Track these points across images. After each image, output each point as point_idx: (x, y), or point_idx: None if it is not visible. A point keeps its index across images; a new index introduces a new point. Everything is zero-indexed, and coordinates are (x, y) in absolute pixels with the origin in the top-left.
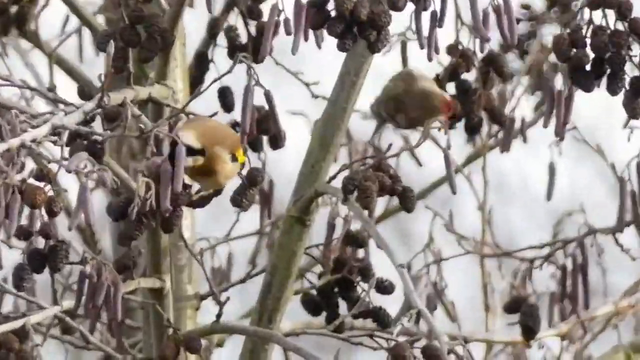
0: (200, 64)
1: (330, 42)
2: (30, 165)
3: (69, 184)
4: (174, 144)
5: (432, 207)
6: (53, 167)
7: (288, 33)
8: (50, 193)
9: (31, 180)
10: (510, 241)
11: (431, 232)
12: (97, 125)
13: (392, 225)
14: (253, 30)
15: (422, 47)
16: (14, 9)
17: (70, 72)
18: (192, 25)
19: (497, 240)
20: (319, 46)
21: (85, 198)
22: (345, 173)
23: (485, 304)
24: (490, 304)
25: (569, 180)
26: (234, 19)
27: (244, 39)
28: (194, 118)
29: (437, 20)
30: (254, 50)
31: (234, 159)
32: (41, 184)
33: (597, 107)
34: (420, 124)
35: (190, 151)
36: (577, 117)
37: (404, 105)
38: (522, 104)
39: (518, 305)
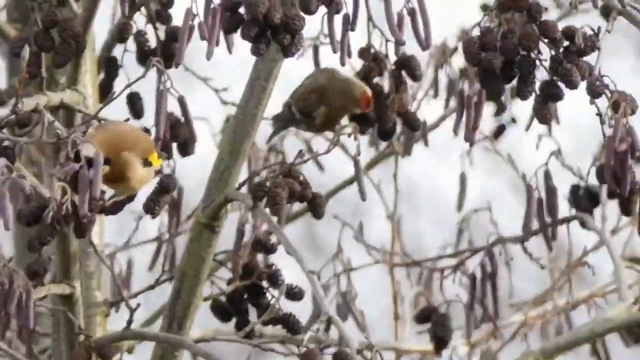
0: (110, 69)
1: (238, 47)
2: None
3: None
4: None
5: (342, 215)
6: None
7: (202, 38)
8: None
9: None
10: (421, 250)
11: (340, 242)
12: None
13: (302, 232)
14: (162, 34)
15: (334, 51)
16: None
17: None
18: (99, 29)
19: (407, 249)
20: (230, 51)
21: (4, 205)
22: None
23: (395, 313)
24: (400, 313)
25: (481, 189)
26: (143, 23)
27: (153, 43)
28: (105, 123)
29: (349, 24)
30: (163, 55)
31: (147, 164)
32: None
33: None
34: (337, 119)
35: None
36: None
37: (326, 96)
38: (423, 107)
39: (428, 315)
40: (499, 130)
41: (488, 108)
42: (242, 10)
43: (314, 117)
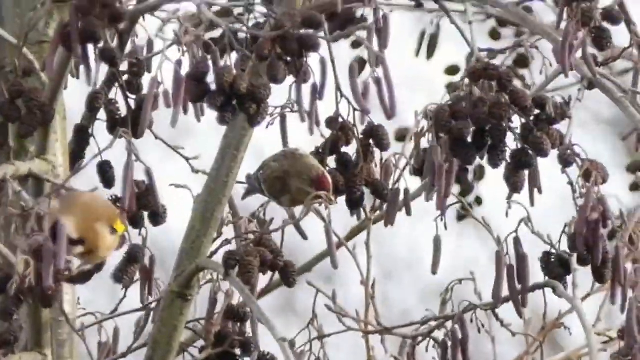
0: (80, 138)
1: (210, 115)
2: None
3: None
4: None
5: (316, 280)
6: None
7: (168, 105)
8: None
9: None
10: (398, 314)
11: (314, 309)
12: None
13: (277, 297)
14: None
15: (303, 120)
16: None
17: None
18: (72, 98)
19: (382, 314)
20: (199, 119)
21: None
22: (227, 248)
23: None
24: None
25: (454, 253)
26: (114, 92)
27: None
28: (68, 194)
29: (317, 93)
30: (133, 124)
31: (113, 230)
32: None
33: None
34: (302, 202)
35: (70, 241)
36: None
37: (288, 184)
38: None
39: None
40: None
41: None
42: (209, 79)
43: (280, 201)
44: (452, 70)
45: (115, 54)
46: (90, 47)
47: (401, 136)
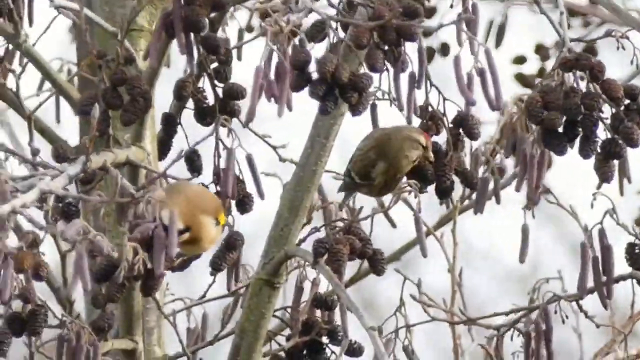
0: (168, 126)
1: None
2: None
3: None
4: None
5: (401, 270)
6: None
7: (271, 96)
8: (37, 258)
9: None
10: (477, 303)
11: (402, 296)
12: None
13: (355, 289)
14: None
15: (401, 109)
16: None
17: (44, 132)
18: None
19: (466, 302)
20: (290, 108)
21: (83, 265)
22: (316, 236)
23: None
24: None
25: (532, 243)
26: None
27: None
28: (175, 184)
29: (415, 82)
30: (221, 112)
31: (217, 223)
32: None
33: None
34: (396, 176)
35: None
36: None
37: (382, 150)
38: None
39: None
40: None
41: None
42: (309, 69)
43: (372, 178)
44: (519, 60)
45: (219, 42)
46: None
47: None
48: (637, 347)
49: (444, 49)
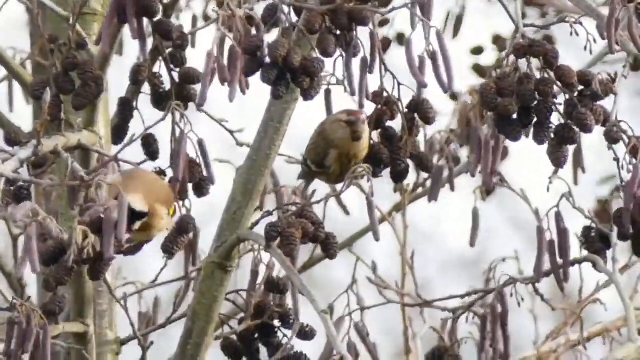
0: (124, 110)
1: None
2: None
3: None
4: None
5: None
6: None
7: (223, 80)
8: None
9: None
10: (427, 288)
11: (354, 274)
12: None
13: (307, 273)
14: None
15: (353, 94)
16: None
17: None
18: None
19: (417, 283)
20: (244, 92)
21: (32, 247)
22: (269, 219)
23: (406, 347)
24: (412, 349)
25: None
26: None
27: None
28: (130, 171)
29: (367, 67)
30: (177, 97)
31: (168, 212)
32: None
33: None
34: (349, 163)
35: (136, 215)
36: None
37: (329, 136)
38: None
39: (440, 355)
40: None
41: None
42: (261, 53)
43: (327, 166)
44: (477, 50)
45: (171, 28)
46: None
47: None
48: (589, 330)
49: (400, 39)
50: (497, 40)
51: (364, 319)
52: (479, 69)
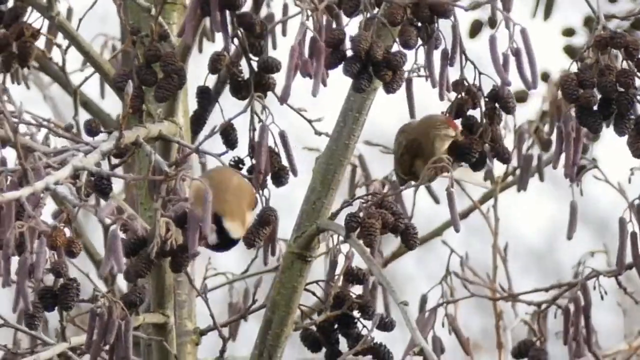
0: (204, 100)
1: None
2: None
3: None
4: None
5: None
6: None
7: (306, 74)
8: (69, 234)
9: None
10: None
11: (447, 267)
12: None
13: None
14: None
15: (434, 86)
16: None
17: (87, 106)
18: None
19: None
20: (325, 84)
21: (116, 245)
22: (349, 209)
23: (498, 341)
24: (503, 342)
25: (552, 220)
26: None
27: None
28: (214, 172)
29: (448, 59)
30: (256, 86)
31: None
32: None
33: None
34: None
35: (234, 242)
36: None
37: (415, 149)
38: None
39: (526, 350)
40: (579, 171)
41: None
42: (344, 46)
43: (415, 173)
44: (568, 32)
45: (254, 20)
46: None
47: (519, 98)
48: None
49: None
50: (588, 22)
51: (456, 312)
52: (570, 51)
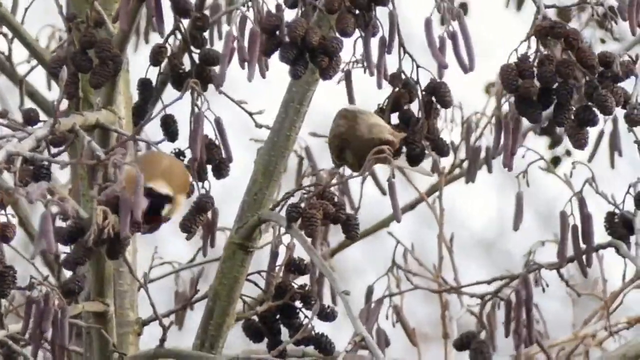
0: (144, 92)
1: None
2: None
3: None
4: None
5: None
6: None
7: (242, 61)
8: (3, 219)
9: None
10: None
11: (394, 258)
12: None
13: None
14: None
15: (371, 74)
16: None
17: (33, 96)
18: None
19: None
20: (263, 75)
21: (47, 228)
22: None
23: (444, 332)
24: (449, 332)
25: (498, 211)
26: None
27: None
28: (148, 154)
29: (385, 47)
30: (197, 78)
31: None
32: None
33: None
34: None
35: (163, 199)
36: None
37: (348, 144)
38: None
39: (468, 342)
40: (555, 162)
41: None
42: (279, 33)
43: (346, 160)
44: None
45: (190, 6)
46: None
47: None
48: (627, 316)
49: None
50: (561, 13)
51: (402, 304)
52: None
